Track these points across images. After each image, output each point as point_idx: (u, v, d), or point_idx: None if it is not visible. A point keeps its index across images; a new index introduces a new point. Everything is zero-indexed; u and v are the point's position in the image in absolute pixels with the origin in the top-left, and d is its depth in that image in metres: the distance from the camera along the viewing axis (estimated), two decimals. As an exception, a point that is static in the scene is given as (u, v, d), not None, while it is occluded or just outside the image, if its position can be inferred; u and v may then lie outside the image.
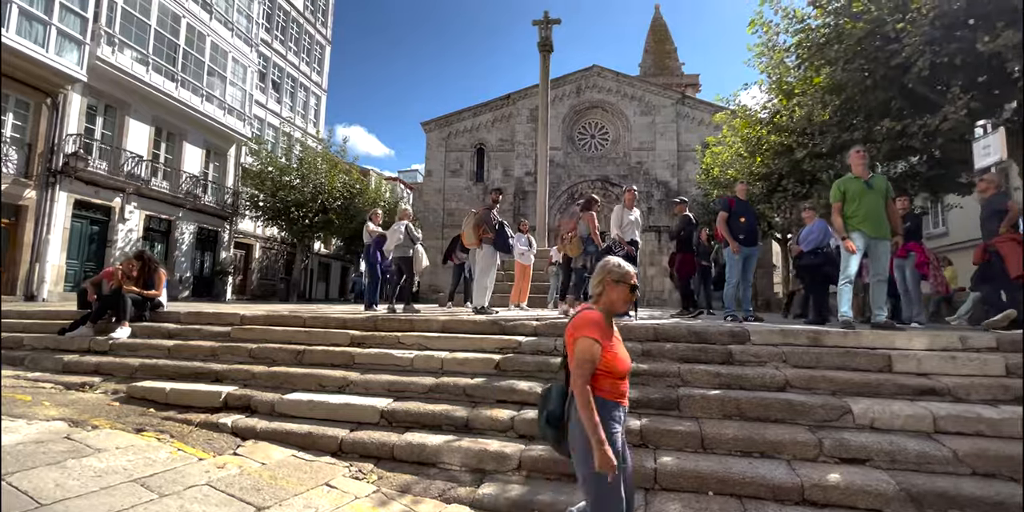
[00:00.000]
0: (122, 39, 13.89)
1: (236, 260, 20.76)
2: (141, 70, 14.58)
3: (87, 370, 4.79)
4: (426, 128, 23.08)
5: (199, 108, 16.82)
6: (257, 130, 20.69)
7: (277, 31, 21.95)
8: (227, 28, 18.02)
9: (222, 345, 4.84)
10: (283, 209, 18.34)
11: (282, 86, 22.54)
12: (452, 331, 4.83)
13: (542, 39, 12.27)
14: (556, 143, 22.38)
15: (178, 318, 5.71)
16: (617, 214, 5.18)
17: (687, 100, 22.23)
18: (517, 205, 21.78)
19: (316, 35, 24.50)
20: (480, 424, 3.49)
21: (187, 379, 4.43)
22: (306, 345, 4.74)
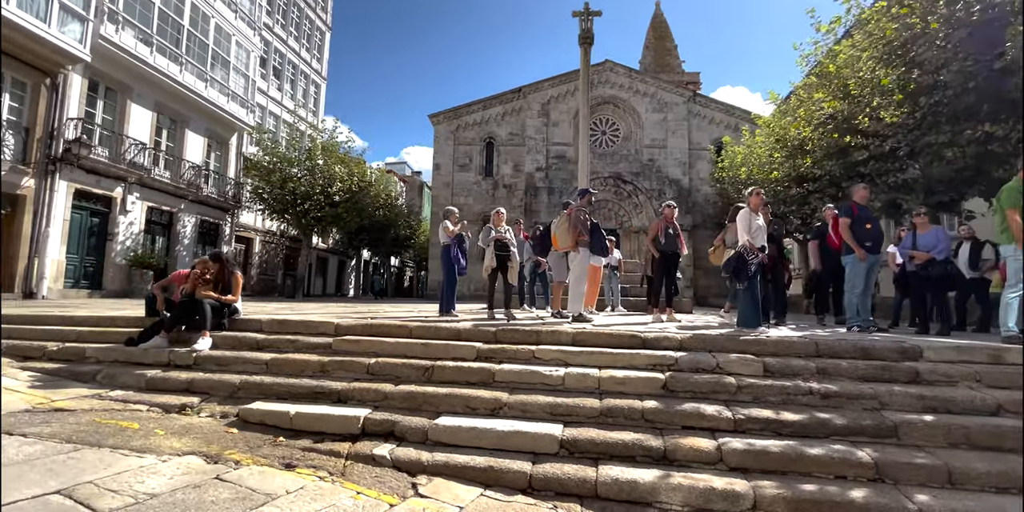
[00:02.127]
0: (125, 17, 12.90)
1: (237, 254, 19.82)
2: (145, 51, 13.59)
3: (177, 388, 4.23)
4: (434, 121, 22.40)
5: (203, 93, 15.87)
6: (258, 118, 19.71)
7: (278, 14, 20.90)
8: (231, 9, 17.01)
9: (331, 359, 4.34)
10: (291, 202, 17.52)
11: (283, 73, 21.52)
12: (587, 345, 4.45)
13: (583, 31, 11.84)
14: (567, 138, 22.04)
15: (260, 326, 5.15)
16: (744, 218, 4.86)
17: (698, 98, 22.13)
18: (528, 201, 21.36)
19: (316, 20, 23.45)
20: (682, 455, 3.14)
21: (303, 400, 3.94)
22: (429, 360, 4.29)
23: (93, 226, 13.54)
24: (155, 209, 15.29)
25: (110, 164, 13.23)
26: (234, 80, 17.28)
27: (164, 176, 15.38)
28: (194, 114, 16.36)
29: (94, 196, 13.29)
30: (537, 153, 21.77)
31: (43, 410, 3.67)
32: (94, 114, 13.22)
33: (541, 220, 21.23)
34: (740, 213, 5.05)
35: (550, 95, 22.05)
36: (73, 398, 3.98)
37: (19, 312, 6.17)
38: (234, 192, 18.70)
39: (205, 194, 17.02)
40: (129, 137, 13.97)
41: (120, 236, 14.08)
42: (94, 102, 13.23)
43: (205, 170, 17.22)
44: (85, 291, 13.20)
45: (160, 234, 15.86)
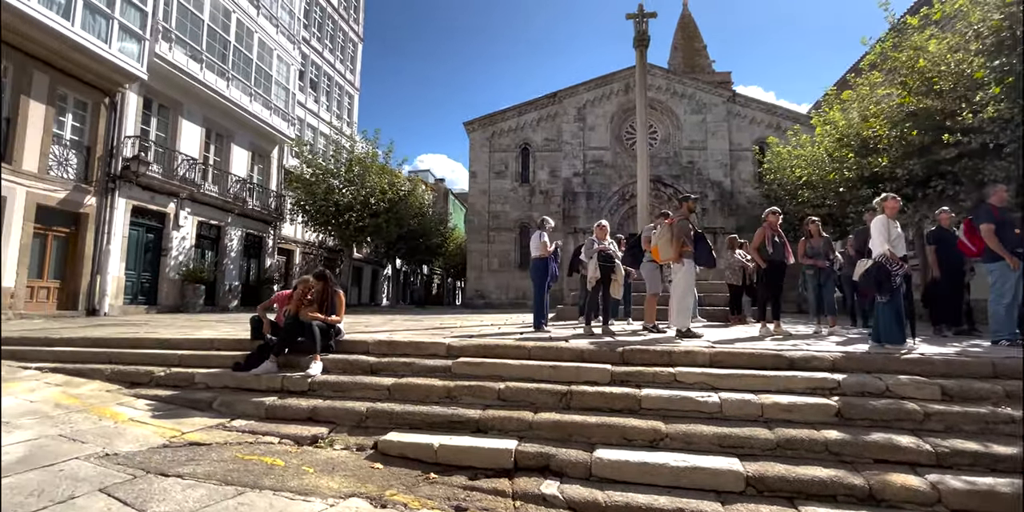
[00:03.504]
0: (178, 35, 13.04)
1: (280, 267, 19.94)
2: (195, 67, 13.73)
3: (299, 417, 4.05)
4: (469, 128, 22.31)
5: (248, 107, 16.00)
6: (298, 131, 19.84)
7: (314, 28, 21.09)
8: (272, 24, 17.17)
9: (457, 384, 4.12)
10: (334, 213, 17.53)
11: (319, 85, 21.68)
12: (727, 366, 4.15)
13: (638, 33, 11.58)
14: (604, 143, 21.74)
15: (367, 348, 4.97)
16: (881, 225, 4.52)
17: (738, 98, 21.64)
18: (566, 207, 21.08)
19: (349, 32, 23.62)
20: (891, 495, 2.82)
21: (439, 429, 3.72)
22: (561, 384, 4.04)
23: (148, 242, 13.67)
24: (204, 223, 15.41)
25: (164, 180, 13.36)
26: (276, 93, 17.41)
27: (212, 190, 15.51)
28: (239, 128, 16.50)
29: (149, 212, 13.42)
30: (574, 158, 21.51)
31: (180, 445, 3.51)
32: (148, 131, 13.38)
33: (580, 226, 20.98)
34: (877, 220, 4.70)
35: (586, 99, 21.80)
36: (200, 429, 3.82)
37: (114, 335, 6.10)
38: (276, 204, 18.82)
39: (250, 207, 17.13)
40: (181, 152, 14.11)
41: (173, 251, 14.20)
42: (148, 120, 13.40)
43: (249, 183, 17.35)
44: (143, 307, 13.31)
45: (209, 248, 15.97)
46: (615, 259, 5.90)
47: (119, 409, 4.12)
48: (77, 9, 10.12)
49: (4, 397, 4.14)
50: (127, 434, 3.59)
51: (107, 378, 4.94)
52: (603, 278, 5.77)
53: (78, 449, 3.23)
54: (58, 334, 6.36)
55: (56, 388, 4.51)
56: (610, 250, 5.90)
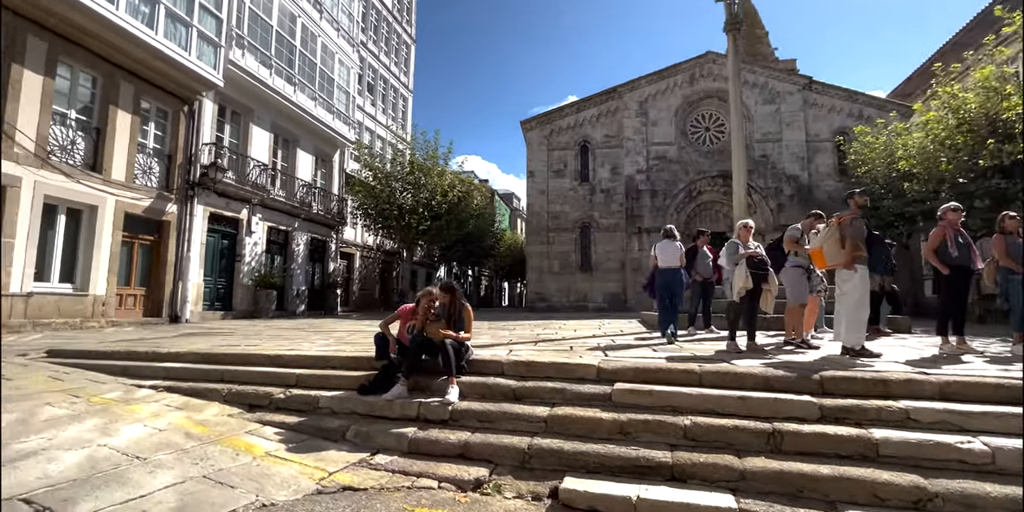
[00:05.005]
0: (250, 41, 13.06)
1: (342, 271, 19.98)
2: (265, 73, 13.74)
3: (450, 453, 3.55)
4: (526, 127, 21.76)
5: (312, 112, 15.99)
6: (357, 134, 19.82)
7: (371, 31, 21.06)
8: (333, 28, 17.14)
9: (629, 418, 3.52)
10: (396, 216, 17.35)
11: (376, 88, 21.65)
12: (966, 399, 3.37)
13: (730, 17, 10.67)
14: (669, 138, 20.72)
15: (501, 369, 4.45)
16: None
17: (815, 86, 20.16)
18: (630, 206, 20.20)
19: (403, 34, 23.54)
20: None
21: (624, 475, 3.12)
22: (758, 420, 3.37)
23: (223, 248, 13.78)
24: (274, 228, 15.48)
25: (238, 186, 13.42)
26: (337, 97, 17.38)
27: (280, 196, 15.56)
28: (304, 133, 16.53)
29: (224, 219, 13.51)
30: (636, 155, 20.59)
31: (334, 490, 3.04)
32: (222, 138, 13.48)
33: (644, 225, 20.05)
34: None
35: (648, 93, 20.84)
36: (346, 468, 3.36)
37: (220, 349, 5.83)
38: (338, 208, 18.83)
39: (314, 212, 17.16)
40: (252, 158, 14.16)
41: (246, 257, 14.28)
42: (222, 126, 13.49)
43: (314, 188, 17.38)
44: (219, 313, 13.40)
45: (278, 253, 16.05)
46: (767, 265, 5.14)
47: (251, 440, 3.72)
48: (160, 18, 10.15)
49: (131, 423, 3.83)
50: (273, 476, 3.15)
51: (225, 400, 4.60)
52: (755, 287, 5.02)
53: (232, 498, 2.80)
54: (164, 348, 6.15)
55: (179, 413, 4.18)
56: (761, 254, 5.16)
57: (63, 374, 5.32)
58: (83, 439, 3.41)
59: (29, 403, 4.11)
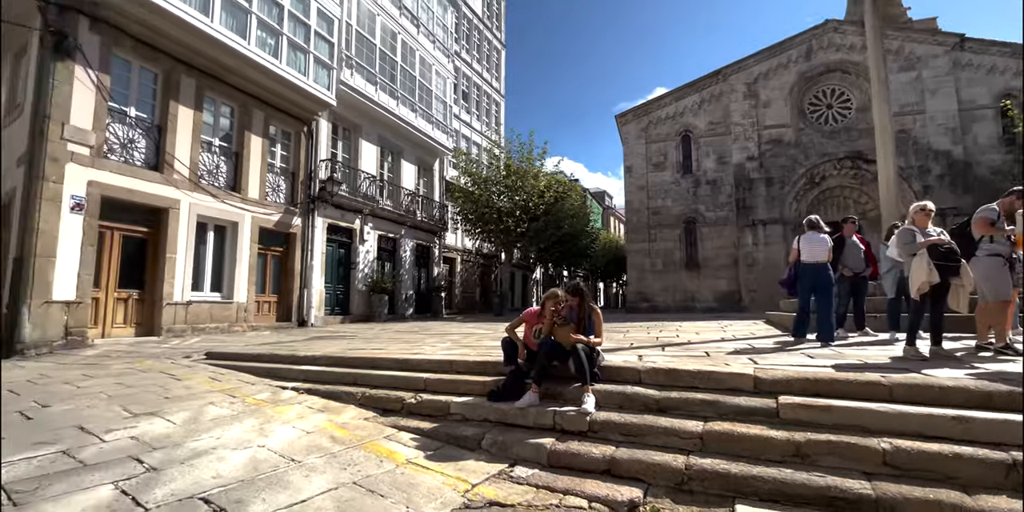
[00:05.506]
0: (357, 61, 13.88)
1: (445, 275, 20.65)
2: (371, 90, 14.53)
3: (594, 468, 3.28)
4: (621, 120, 21.03)
5: (414, 123, 16.65)
6: (454, 142, 20.39)
7: (463, 40, 21.63)
8: (429, 40, 17.76)
9: (807, 438, 3.01)
10: (496, 219, 17.54)
11: (470, 96, 22.18)
12: None
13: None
14: (783, 119, 18.86)
15: (638, 376, 4.12)
16: None
17: (969, 44, 17.19)
18: (741, 196, 18.65)
19: (493, 40, 23.93)
20: None
21: (807, 507, 2.63)
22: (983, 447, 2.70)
23: (340, 257, 14.76)
24: (383, 236, 16.34)
25: (351, 198, 14.31)
26: (435, 107, 17.98)
27: (388, 205, 16.39)
28: (407, 144, 17.30)
29: (340, 229, 14.48)
30: (746, 140, 18.98)
31: (480, 506, 2.89)
32: (336, 154, 14.47)
33: (759, 217, 18.40)
34: None
35: (757, 73, 19.14)
36: (487, 481, 3.20)
37: (350, 353, 6.09)
38: (439, 215, 19.48)
39: (419, 219, 17.88)
40: (362, 171, 15.06)
41: (360, 264, 15.19)
42: (336, 143, 14.49)
43: (417, 196, 18.12)
44: (338, 317, 14.36)
45: (387, 259, 16.91)
46: (957, 256, 4.25)
47: (391, 446, 3.72)
48: (283, 48, 11.09)
49: (280, 425, 4.01)
50: (418, 485, 3.08)
51: (360, 403, 4.72)
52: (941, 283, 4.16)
53: (383, 508, 2.74)
54: (300, 351, 6.57)
55: (321, 415, 4.33)
56: (948, 243, 4.28)
57: (220, 375, 5.83)
58: (244, 439, 3.60)
59: (197, 402, 4.49)
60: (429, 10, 17.53)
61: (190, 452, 3.27)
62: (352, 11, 13.58)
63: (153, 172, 9.54)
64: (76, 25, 8.27)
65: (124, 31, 8.93)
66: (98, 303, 8.92)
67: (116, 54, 8.95)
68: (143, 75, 9.58)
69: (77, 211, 8.23)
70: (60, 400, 4.44)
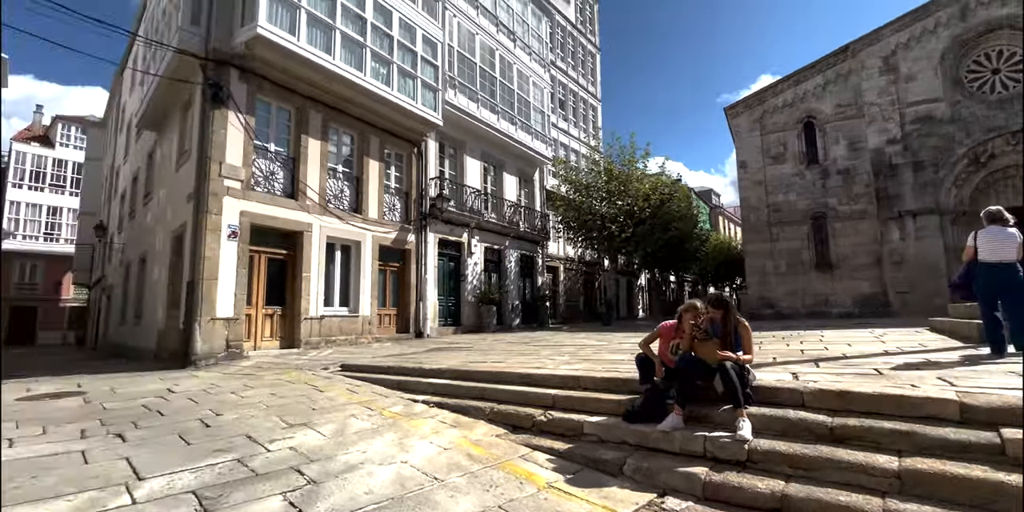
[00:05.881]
0: (460, 81, 14.43)
1: (549, 284, 20.60)
2: (473, 107, 15.00)
3: (761, 504, 2.89)
4: (731, 113, 19.60)
5: (514, 136, 16.90)
6: (553, 151, 20.39)
7: (558, 48, 21.69)
8: (525, 53, 18.01)
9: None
10: (599, 226, 17.15)
11: (567, 103, 22.13)
12: None
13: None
14: (934, 92, 16.29)
15: (801, 399, 3.62)
16: None
17: None
18: (881, 186, 16.35)
19: (587, 45, 23.73)
20: None
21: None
22: None
23: (450, 270, 15.31)
24: (489, 248, 16.69)
25: (458, 213, 14.82)
26: (534, 118, 18.12)
27: (492, 217, 16.75)
28: (507, 157, 17.61)
29: (450, 243, 15.04)
30: (885, 121, 16.66)
31: (637, 542, 2.63)
32: (443, 171, 15.11)
33: (906, 207, 15.99)
34: None
35: (895, 43, 16.79)
36: None
37: (473, 366, 6.16)
38: (541, 224, 19.51)
39: (521, 230, 18.04)
40: (468, 186, 15.55)
41: (469, 276, 15.63)
42: (443, 161, 15.15)
43: (519, 207, 18.33)
44: (451, 328, 14.85)
45: (493, 271, 17.23)
46: None
47: (529, 467, 3.60)
48: (394, 75, 11.84)
49: (418, 440, 4.08)
50: (565, 513, 2.90)
51: (489, 419, 4.69)
52: None
53: (535, 539, 2.60)
54: (424, 363, 6.78)
55: (454, 431, 4.35)
56: None
57: (356, 387, 6.18)
58: (388, 454, 3.69)
59: (340, 414, 4.76)
60: (524, 23, 17.81)
61: (342, 466, 3.41)
62: (453, 33, 14.19)
63: (289, 199, 10.61)
64: (228, 77, 9.51)
65: (265, 77, 10.10)
66: (250, 319, 10.03)
67: (259, 98, 10.14)
68: (280, 114, 10.75)
69: (233, 238, 9.38)
70: (229, 409, 4.95)
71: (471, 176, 15.94)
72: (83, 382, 7.10)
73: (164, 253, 10.96)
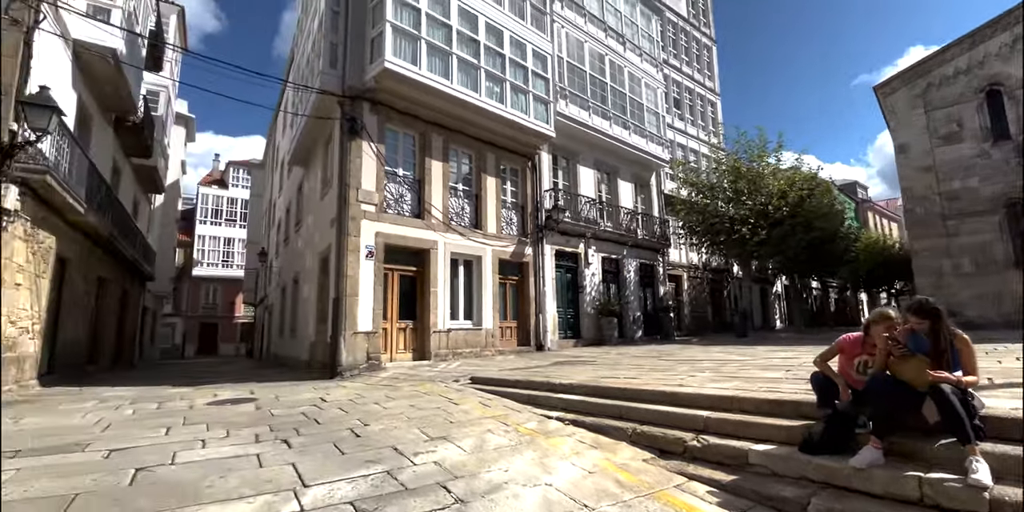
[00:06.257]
0: (570, 91, 14.35)
1: (671, 294, 19.43)
2: (584, 116, 14.81)
3: (1024, 580, 2.20)
4: (883, 92, 17.01)
5: (628, 141, 16.36)
6: (669, 153, 19.37)
7: (670, 46, 20.77)
8: (636, 54, 17.45)
9: None
10: (727, 229, 15.79)
11: (682, 102, 21.01)
12: None
13: None
14: None
15: (1060, 439, 2.82)
16: None
17: None
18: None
19: (702, 38, 22.42)
20: None
21: None
22: None
23: (567, 281, 15.08)
24: (606, 258, 16.20)
25: (574, 223, 14.61)
26: (648, 120, 17.41)
27: (608, 226, 16.26)
28: (621, 163, 17.07)
29: (566, 254, 14.85)
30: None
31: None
32: (557, 182, 15.05)
33: None
34: None
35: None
36: (841, 570, 2.38)
37: (606, 382, 5.83)
38: (660, 231, 18.53)
39: (640, 237, 17.28)
40: (582, 196, 15.30)
41: (587, 287, 15.26)
42: (556, 172, 15.11)
43: (636, 214, 17.61)
44: (571, 341, 14.55)
45: (612, 281, 16.66)
46: None
47: (688, 499, 3.19)
48: (507, 92, 12.12)
49: (559, 460, 3.86)
50: (746, 563, 2.46)
51: (632, 440, 4.33)
52: None
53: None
54: (553, 378, 6.59)
55: (596, 452, 4.07)
56: None
57: (487, 400, 6.16)
58: (531, 475, 3.51)
59: (477, 429, 4.72)
60: (633, 24, 17.31)
61: (487, 485, 3.30)
62: (562, 44, 14.21)
63: (416, 219, 11.24)
64: (361, 110, 10.42)
65: (392, 107, 10.92)
66: (386, 333, 10.71)
67: (387, 127, 10.97)
68: (405, 140, 11.52)
69: (370, 258, 10.13)
70: (374, 419, 5.17)
71: (585, 185, 15.68)
72: (254, 389, 8.03)
73: (313, 273, 12.21)
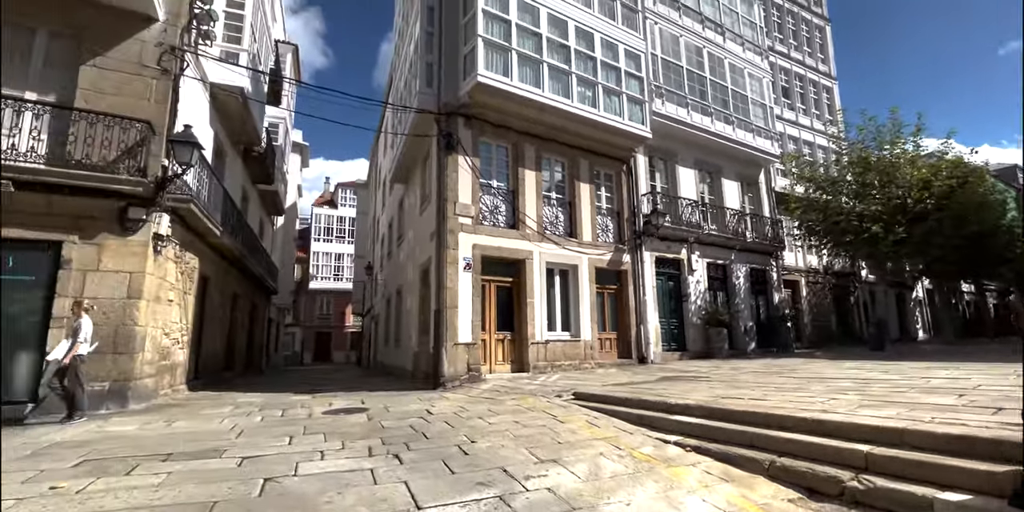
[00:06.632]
0: (666, 88, 13.66)
1: (787, 301, 17.62)
2: (683, 113, 14.00)
3: None
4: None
5: (731, 136, 15.19)
6: (780, 146, 17.71)
7: (775, 31, 19.14)
8: (737, 44, 16.24)
9: None
10: (856, 228, 13.98)
11: (792, 89, 19.20)
12: None
13: None
14: None
15: None
16: None
17: None
18: None
19: (812, 18, 20.40)
20: None
21: None
22: None
23: (670, 289, 14.21)
24: (712, 264, 15.08)
25: (674, 228, 13.77)
26: (753, 113, 16.06)
27: (712, 229, 15.14)
28: (725, 160, 15.89)
29: (667, 261, 14.02)
30: None
31: None
32: (655, 185, 14.33)
33: None
34: None
35: None
36: None
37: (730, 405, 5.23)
38: (773, 232, 16.91)
39: (748, 240, 15.89)
40: (682, 198, 14.42)
41: (691, 295, 14.27)
42: (653, 175, 14.40)
43: (744, 215, 16.25)
44: (675, 353, 13.65)
45: (719, 289, 15.46)
46: None
47: (858, 560, 2.63)
48: (599, 96, 11.78)
49: (687, 494, 3.43)
50: None
51: (770, 475, 3.77)
52: None
53: None
54: (665, 396, 6.08)
55: (728, 487, 3.58)
56: None
57: (595, 419, 5.81)
58: (656, 510, 3.15)
59: (588, 452, 4.41)
60: (732, 12, 16.15)
61: (608, 522, 2.99)
62: (656, 41, 13.60)
63: (511, 230, 11.21)
64: (456, 126, 10.67)
65: (485, 120, 11.05)
66: (485, 344, 10.73)
67: (481, 140, 11.12)
68: (498, 152, 11.60)
69: (468, 270, 10.25)
70: (480, 436, 5.06)
71: (685, 187, 14.77)
72: (364, 399, 8.38)
73: (415, 285, 12.65)
